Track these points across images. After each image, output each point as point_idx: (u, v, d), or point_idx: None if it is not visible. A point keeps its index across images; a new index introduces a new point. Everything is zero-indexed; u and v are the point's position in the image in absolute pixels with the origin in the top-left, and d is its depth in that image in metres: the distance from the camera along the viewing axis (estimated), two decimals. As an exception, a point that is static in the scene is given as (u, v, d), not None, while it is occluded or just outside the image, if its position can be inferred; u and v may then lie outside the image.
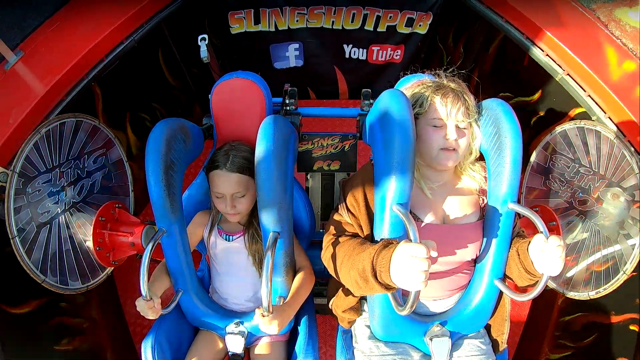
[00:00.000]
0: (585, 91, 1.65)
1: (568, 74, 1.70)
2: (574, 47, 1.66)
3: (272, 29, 2.43)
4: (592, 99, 1.63)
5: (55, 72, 1.51)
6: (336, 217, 1.18)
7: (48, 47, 1.56)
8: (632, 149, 1.45)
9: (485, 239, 1.16)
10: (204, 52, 1.92)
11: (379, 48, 2.57)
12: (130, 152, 2.16)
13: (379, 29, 2.44)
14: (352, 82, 2.82)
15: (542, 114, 1.98)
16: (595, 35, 1.66)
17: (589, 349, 1.76)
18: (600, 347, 1.71)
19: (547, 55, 1.77)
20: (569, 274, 1.63)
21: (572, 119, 1.76)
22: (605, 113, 1.58)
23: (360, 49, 2.60)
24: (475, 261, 1.21)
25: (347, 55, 2.63)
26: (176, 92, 2.49)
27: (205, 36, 1.92)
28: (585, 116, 1.69)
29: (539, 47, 1.79)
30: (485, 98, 2.23)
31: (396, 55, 2.62)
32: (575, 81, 1.69)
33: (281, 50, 2.59)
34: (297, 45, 2.57)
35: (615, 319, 1.64)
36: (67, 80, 1.56)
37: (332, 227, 1.17)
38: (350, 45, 2.58)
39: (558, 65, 1.73)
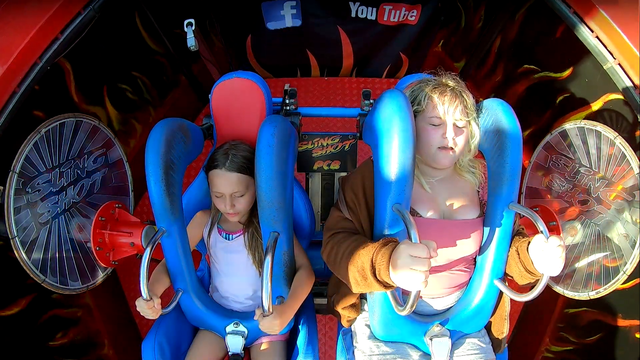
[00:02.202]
0: (636, 88, 1.40)
1: (619, 64, 1.44)
2: (631, 33, 1.40)
3: None
4: None
5: (1, 61, 1.31)
6: (336, 212, 1.18)
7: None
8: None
9: (485, 239, 1.16)
10: (191, 39, 1.75)
11: (391, 7, 2.28)
12: (113, 128, 1.98)
13: None
14: (359, 45, 2.53)
15: (570, 93, 1.77)
16: None
17: (591, 348, 1.69)
18: (602, 349, 1.64)
19: (597, 37, 1.50)
20: (568, 274, 1.63)
21: (606, 102, 1.58)
22: None
23: (369, 8, 2.30)
24: (474, 259, 1.21)
25: (353, 14, 2.35)
26: (160, 58, 2.27)
27: (192, 21, 1.74)
28: (619, 103, 1.51)
29: (587, 26, 1.52)
30: (507, 67, 2.02)
31: (411, 16, 2.33)
32: (626, 74, 1.43)
33: (275, 8, 2.31)
34: (293, 3, 2.29)
35: (621, 322, 1.57)
36: (18, 68, 1.35)
37: (332, 223, 1.17)
38: (357, 3, 2.29)
39: (609, 52, 1.47)
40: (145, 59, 2.19)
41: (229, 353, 1.34)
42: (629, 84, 1.42)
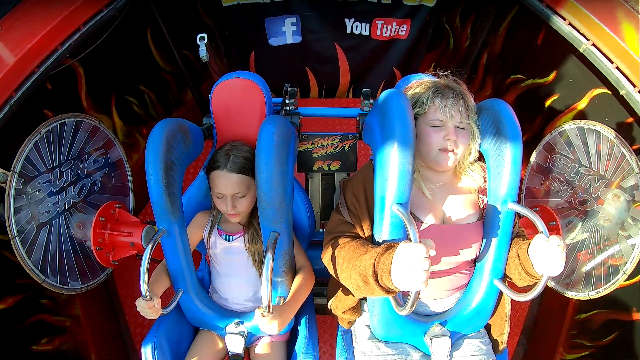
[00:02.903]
0: (612, 63, 1.47)
1: (594, 44, 1.52)
2: (599, 15, 1.50)
3: (267, 0, 2.28)
4: (620, 71, 1.46)
5: (26, 42, 1.40)
6: (337, 216, 1.18)
7: (25, 21, 1.47)
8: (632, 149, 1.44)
9: (485, 239, 1.16)
10: (202, 51, 1.88)
11: (383, 22, 2.39)
12: (117, 137, 2.00)
13: (383, 1, 2.27)
14: (354, 61, 2.63)
15: (557, 96, 1.85)
16: (615, 9, 1.51)
17: (609, 349, 1.65)
18: (621, 347, 1.60)
19: (570, 24, 1.58)
20: (568, 274, 1.63)
21: (591, 99, 1.65)
22: (635, 87, 1.42)
23: (363, 23, 2.41)
24: (475, 261, 1.21)
25: (348, 31, 2.45)
26: (166, 75, 2.37)
27: (205, 35, 1.86)
28: (604, 98, 1.58)
29: (560, 16, 1.61)
30: (495, 81, 2.05)
31: (402, 31, 2.44)
32: (602, 52, 1.50)
33: (277, 25, 2.41)
34: (294, 19, 2.39)
35: (637, 316, 1.55)
36: (39, 50, 1.44)
37: (332, 227, 1.17)
38: (352, 19, 2.40)
39: (582, 35, 1.55)
40: (153, 75, 2.26)
41: (229, 353, 1.34)
42: (604, 60, 1.50)
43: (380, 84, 2.78)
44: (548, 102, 1.89)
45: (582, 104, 1.69)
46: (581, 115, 1.69)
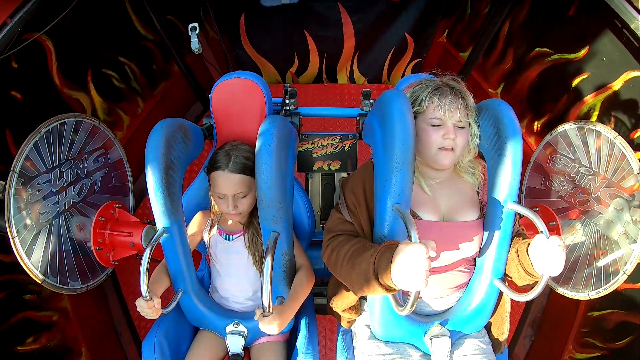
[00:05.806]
0: None
1: None
2: None
3: None
4: None
5: None
6: (336, 214, 1.18)
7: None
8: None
9: (485, 239, 1.16)
10: (195, 42, 1.76)
11: None
12: (97, 117, 1.86)
13: None
14: (361, 24, 2.33)
15: (586, 75, 1.66)
16: None
17: (622, 353, 1.54)
18: (635, 353, 1.49)
19: None
20: (568, 274, 1.63)
21: (627, 81, 1.47)
22: None
23: None
24: (475, 260, 1.21)
25: None
26: (149, 44, 2.15)
27: (196, 25, 1.72)
28: (636, 82, 1.41)
29: None
30: (517, 53, 1.89)
31: None
32: None
33: None
34: None
35: None
36: None
37: (332, 225, 1.17)
38: None
39: (635, 8, 1.34)
40: (133, 44, 2.06)
41: (229, 353, 1.34)
42: None
43: (389, 51, 2.52)
44: (576, 81, 1.71)
45: (616, 86, 1.53)
46: (613, 97, 1.54)
